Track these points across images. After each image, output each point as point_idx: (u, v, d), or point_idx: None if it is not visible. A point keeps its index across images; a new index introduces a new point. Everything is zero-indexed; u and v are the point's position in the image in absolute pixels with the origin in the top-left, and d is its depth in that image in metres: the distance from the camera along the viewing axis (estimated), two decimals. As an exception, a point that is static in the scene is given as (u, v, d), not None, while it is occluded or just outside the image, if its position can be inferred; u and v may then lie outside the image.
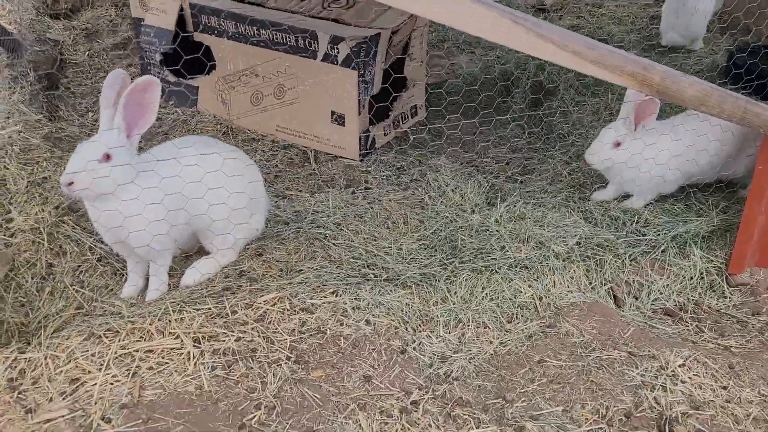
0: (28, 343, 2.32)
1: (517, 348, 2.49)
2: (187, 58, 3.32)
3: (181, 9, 3.92)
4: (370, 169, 3.63)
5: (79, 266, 2.68)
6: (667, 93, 2.33)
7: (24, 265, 2.65)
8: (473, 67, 4.83)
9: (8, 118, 3.71)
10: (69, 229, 2.77)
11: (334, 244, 2.85)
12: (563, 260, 2.83)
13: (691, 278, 2.94)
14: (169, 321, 2.34)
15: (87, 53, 4.91)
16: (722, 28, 5.34)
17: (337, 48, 3.46)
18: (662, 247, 2.98)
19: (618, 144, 3.09)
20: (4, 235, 2.73)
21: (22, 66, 4.29)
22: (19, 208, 2.83)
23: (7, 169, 3.10)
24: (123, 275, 2.68)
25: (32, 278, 2.61)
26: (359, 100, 3.54)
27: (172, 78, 4.18)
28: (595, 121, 4.03)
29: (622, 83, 2.24)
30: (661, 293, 2.88)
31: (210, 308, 2.40)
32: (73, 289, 2.60)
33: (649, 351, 2.48)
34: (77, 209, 2.89)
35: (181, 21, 3.94)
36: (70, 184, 2.23)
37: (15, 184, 3.00)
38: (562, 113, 4.15)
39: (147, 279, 2.62)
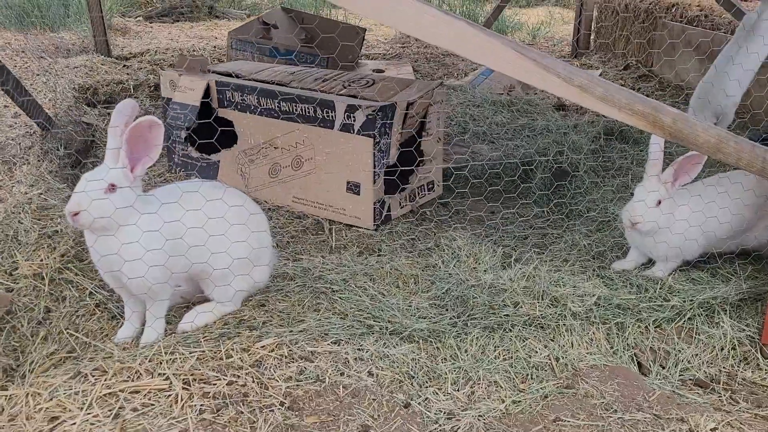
0: (13, 382, 2.22)
1: (531, 407, 2.29)
2: (208, 136, 3.38)
3: (207, 86, 4.07)
4: (384, 238, 3.57)
5: (77, 311, 2.61)
6: (680, 136, 2.27)
7: (22, 309, 2.59)
8: (494, 152, 4.87)
9: (32, 186, 3.80)
10: (72, 275, 2.73)
11: (340, 297, 2.74)
12: (581, 320, 2.67)
13: (722, 348, 2.73)
14: (160, 362, 2.23)
15: (118, 136, 5.08)
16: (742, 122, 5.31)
17: (353, 116, 3.52)
18: (688, 314, 2.80)
19: (659, 203, 2.94)
20: (7, 281, 2.70)
21: (53, 142, 4.46)
22: (26, 257, 2.82)
23: (21, 223, 3.13)
24: (120, 320, 2.59)
25: (28, 323, 2.54)
26: (375, 168, 3.55)
27: (195, 154, 4.28)
28: (617, 200, 3.95)
29: (633, 123, 2.20)
30: (690, 363, 2.67)
31: (204, 351, 2.29)
32: (68, 333, 2.51)
33: (676, 414, 2.27)
34: (84, 258, 2.86)
35: (206, 97, 4.09)
36: (76, 214, 2.21)
37: (26, 236, 3.01)
38: (582, 193, 4.09)
39: (143, 324, 2.52)
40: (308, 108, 3.69)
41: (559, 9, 13.21)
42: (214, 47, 8.30)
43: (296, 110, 3.75)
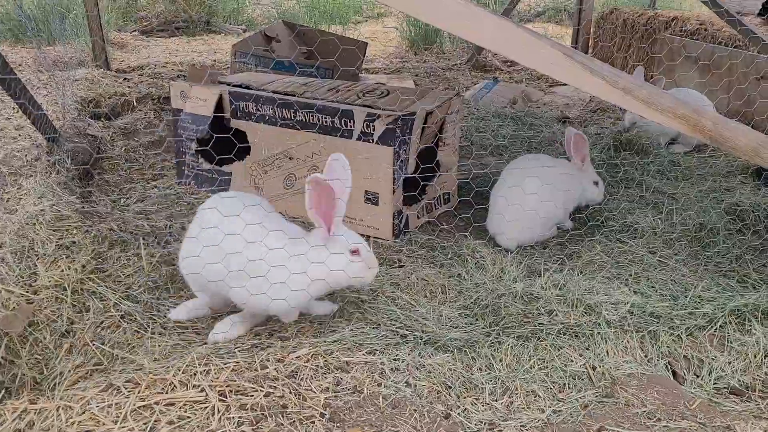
0: (41, 395, 2.14)
1: (572, 417, 2.25)
2: (220, 147, 3.35)
3: (220, 97, 4.03)
4: (403, 248, 3.52)
5: (102, 323, 2.54)
6: (720, 140, 2.26)
7: (44, 321, 2.51)
8: (501, 162, 4.85)
9: (41, 197, 3.72)
10: (94, 285, 2.66)
11: (370, 307, 2.69)
12: (615, 328, 2.63)
13: (755, 356, 2.70)
14: (194, 373, 2.16)
15: (123, 148, 5.02)
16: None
17: (373, 125, 3.49)
18: (720, 322, 2.78)
19: None
20: (27, 292, 2.62)
21: (60, 154, 4.38)
22: (45, 267, 2.74)
23: (37, 234, 3.05)
24: (147, 332, 2.52)
25: (51, 335, 2.46)
26: (394, 178, 3.51)
27: (206, 166, 4.22)
28: (634, 209, 3.94)
29: (675, 126, 2.18)
30: (723, 371, 2.64)
31: (239, 361, 2.22)
32: (94, 345, 2.43)
33: (722, 422, 2.23)
34: (106, 269, 2.80)
35: (218, 109, 4.04)
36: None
37: (43, 247, 2.93)
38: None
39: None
40: (325, 118, 3.65)
41: (553, 25, 13.30)
42: (214, 61, 8.26)
43: (313, 120, 3.71)
